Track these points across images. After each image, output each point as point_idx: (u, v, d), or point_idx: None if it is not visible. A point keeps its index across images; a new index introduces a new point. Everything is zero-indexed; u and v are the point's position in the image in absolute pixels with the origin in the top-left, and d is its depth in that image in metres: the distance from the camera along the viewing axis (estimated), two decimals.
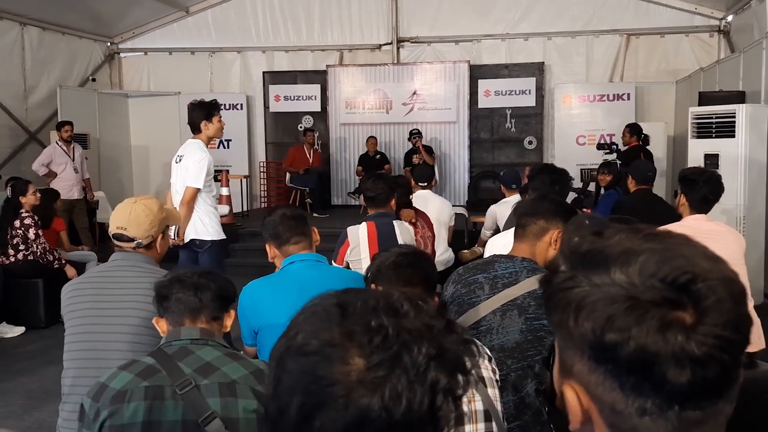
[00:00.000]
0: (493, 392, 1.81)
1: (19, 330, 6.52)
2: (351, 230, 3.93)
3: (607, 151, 8.30)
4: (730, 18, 10.15)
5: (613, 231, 0.76)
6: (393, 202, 4.16)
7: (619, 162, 7.77)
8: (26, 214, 6.65)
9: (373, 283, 1.97)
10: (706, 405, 0.69)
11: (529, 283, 2.33)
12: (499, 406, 1.81)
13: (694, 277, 0.68)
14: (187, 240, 4.79)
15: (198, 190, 4.70)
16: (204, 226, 4.79)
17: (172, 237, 4.57)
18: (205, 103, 4.90)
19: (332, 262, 3.78)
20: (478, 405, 1.77)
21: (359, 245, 3.85)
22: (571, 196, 6.95)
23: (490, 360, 1.89)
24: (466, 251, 5.94)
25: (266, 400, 0.77)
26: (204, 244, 4.81)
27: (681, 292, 0.68)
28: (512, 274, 2.37)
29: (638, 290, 0.69)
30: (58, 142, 8.81)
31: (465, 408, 1.76)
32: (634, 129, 8.29)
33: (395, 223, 4.00)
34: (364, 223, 3.95)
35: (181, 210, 4.61)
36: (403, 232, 3.94)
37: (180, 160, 4.87)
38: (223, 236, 4.92)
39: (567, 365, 0.77)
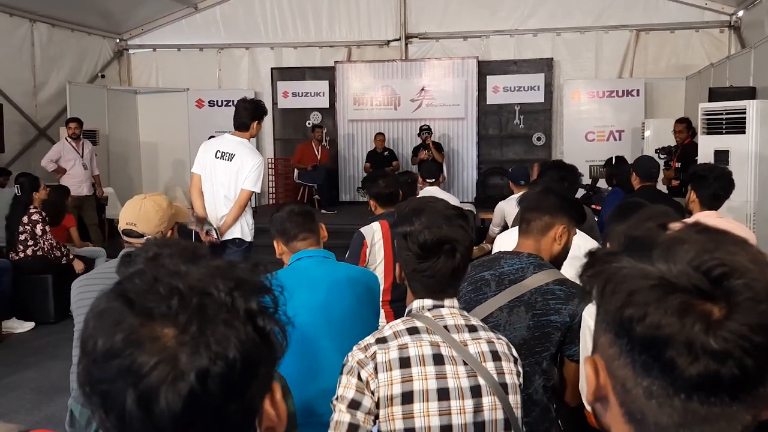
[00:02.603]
0: (515, 399, 1.78)
1: (29, 325, 6.57)
2: (366, 231, 3.85)
3: (664, 155, 7.92)
4: (740, 13, 10.08)
5: (677, 225, 0.77)
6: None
7: (679, 164, 7.47)
8: (34, 210, 6.69)
9: (400, 265, 1.89)
10: (715, 402, 0.68)
11: (536, 279, 2.31)
12: (519, 414, 1.79)
13: (731, 271, 0.68)
14: (230, 237, 4.84)
15: (252, 193, 4.84)
16: (248, 227, 4.91)
17: (215, 237, 4.69)
18: (259, 104, 4.93)
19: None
20: (499, 414, 1.74)
21: (374, 246, 3.80)
22: (580, 193, 6.93)
23: (516, 362, 1.83)
24: (474, 248, 5.93)
25: (100, 422, 0.73)
26: (243, 243, 4.90)
27: (716, 285, 0.67)
28: (518, 270, 2.35)
29: (671, 274, 0.69)
30: (67, 139, 8.85)
31: (486, 416, 1.74)
32: (690, 125, 7.85)
33: None
34: (376, 223, 3.88)
35: (235, 211, 4.75)
36: None
37: (229, 158, 4.78)
38: (252, 239, 5.02)
39: (595, 338, 0.78)
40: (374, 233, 3.81)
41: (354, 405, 1.72)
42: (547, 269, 2.36)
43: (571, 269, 1.67)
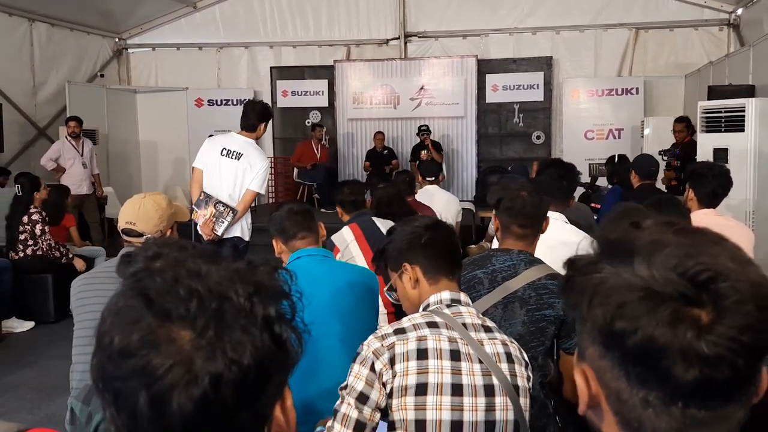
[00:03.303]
0: (525, 401, 1.81)
1: (29, 325, 6.57)
2: (335, 237, 3.89)
3: (667, 157, 7.87)
4: (739, 11, 10.08)
5: (651, 223, 0.76)
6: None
7: (678, 162, 7.43)
8: (34, 210, 6.69)
9: (406, 262, 1.95)
10: (712, 405, 0.69)
11: (529, 275, 2.34)
12: (527, 416, 1.81)
13: (716, 275, 0.68)
14: (229, 236, 4.88)
15: (257, 194, 4.91)
16: (248, 227, 4.98)
17: (219, 233, 4.73)
18: (267, 107, 5.07)
19: None
20: (510, 415, 1.77)
21: (348, 247, 3.83)
22: (579, 191, 6.93)
23: (526, 366, 1.87)
24: (473, 246, 5.95)
25: (111, 419, 0.73)
26: (241, 242, 4.94)
27: (701, 289, 0.67)
28: (510, 267, 2.38)
29: (656, 282, 0.68)
30: (67, 138, 8.85)
31: (497, 416, 1.76)
32: (690, 123, 7.80)
33: (374, 219, 4.00)
34: (346, 227, 3.93)
35: (239, 209, 4.79)
36: (386, 226, 3.94)
37: (236, 156, 4.80)
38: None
39: (581, 348, 0.78)
40: (345, 237, 3.84)
41: (362, 399, 1.73)
42: (538, 264, 2.39)
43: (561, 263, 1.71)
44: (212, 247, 0.83)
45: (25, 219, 6.65)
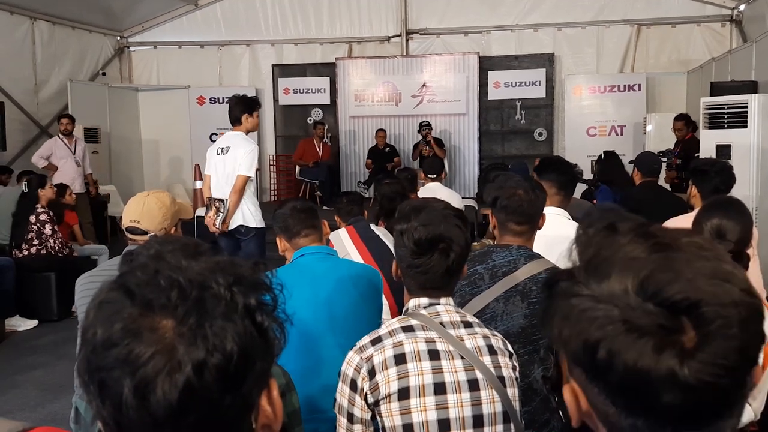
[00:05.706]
0: (513, 392, 1.81)
1: (32, 323, 6.58)
2: (332, 235, 3.89)
3: (667, 158, 7.91)
4: (742, 7, 10.06)
5: (626, 228, 0.74)
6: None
7: (679, 160, 7.43)
8: (41, 210, 6.71)
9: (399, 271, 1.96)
10: (703, 426, 0.69)
11: (529, 269, 2.34)
12: (517, 406, 1.81)
13: (697, 301, 0.67)
14: (234, 226, 4.98)
15: (249, 178, 5.00)
16: (251, 214, 5.05)
17: (217, 226, 4.85)
18: (248, 98, 5.23)
19: None
20: (498, 407, 1.77)
21: (343, 245, 3.84)
22: (581, 188, 6.92)
23: (511, 356, 1.86)
24: (475, 243, 5.93)
25: (96, 410, 0.73)
26: (249, 231, 5.03)
27: (681, 315, 0.67)
28: (510, 262, 2.39)
29: (634, 314, 0.68)
30: (60, 136, 8.78)
31: (485, 410, 1.76)
32: (689, 120, 7.89)
33: (371, 225, 4.03)
34: (342, 229, 3.96)
35: (233, 197, 4.92)
36: (381, 231, 3.95)
37: (225, 151, 5.05)
38: (264, 224, 5.10)
39: (569, 367, 0.77)
40: (341, 238, 3.86)
41: (350, 418, 1.77)
42: (538, 259, 2.39)
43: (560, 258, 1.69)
44: (196, 240, 0.83)
45: (33, 218, 6.66)
